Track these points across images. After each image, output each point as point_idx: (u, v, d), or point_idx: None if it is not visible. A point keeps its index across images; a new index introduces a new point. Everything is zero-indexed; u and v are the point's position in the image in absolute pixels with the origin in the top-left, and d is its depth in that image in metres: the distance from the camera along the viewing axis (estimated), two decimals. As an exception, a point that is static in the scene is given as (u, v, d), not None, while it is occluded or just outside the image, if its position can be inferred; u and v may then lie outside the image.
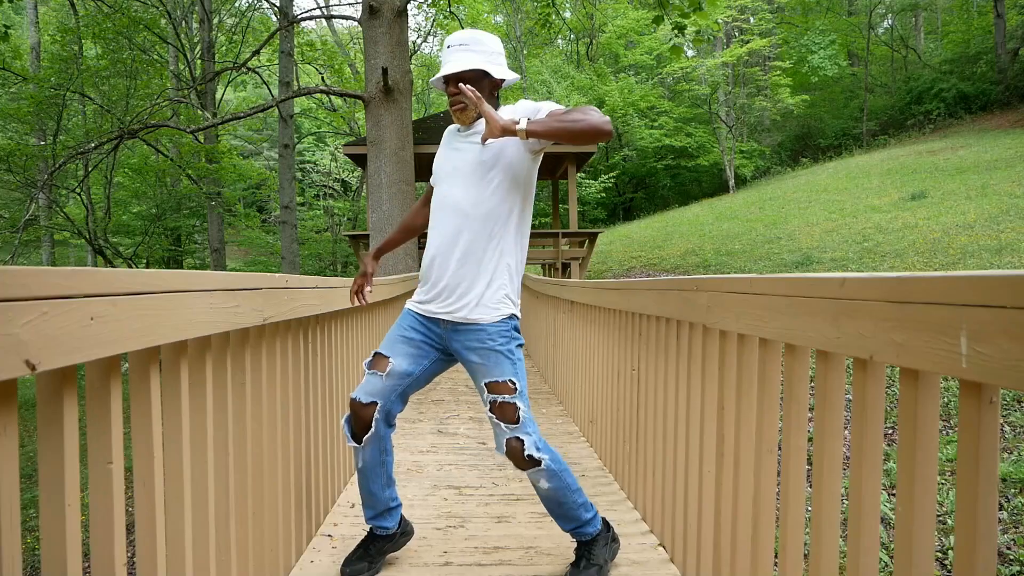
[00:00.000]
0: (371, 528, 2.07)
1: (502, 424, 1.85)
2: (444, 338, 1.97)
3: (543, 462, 1.86)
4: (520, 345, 1.96)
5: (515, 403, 1.85)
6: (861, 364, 1.09)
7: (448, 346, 1.97)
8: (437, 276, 1.93)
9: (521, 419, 1.85)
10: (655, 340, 2.33)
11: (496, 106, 1.96)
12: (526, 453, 1.83)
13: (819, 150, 24.53)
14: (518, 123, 1.73)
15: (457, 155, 1.96)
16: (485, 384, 1.88)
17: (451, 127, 2.06)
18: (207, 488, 1.40)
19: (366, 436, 1.93)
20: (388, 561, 2.12)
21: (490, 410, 1.87)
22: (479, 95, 1.75)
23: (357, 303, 2.28)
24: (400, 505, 2.10)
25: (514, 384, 1.87)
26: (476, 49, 1.89)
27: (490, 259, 1.90)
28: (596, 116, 1.70)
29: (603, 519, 2.09)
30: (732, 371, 1.64)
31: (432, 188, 2.07)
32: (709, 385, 1.79)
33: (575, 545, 2.08)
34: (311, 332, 2.30)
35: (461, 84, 1.81)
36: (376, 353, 1.99)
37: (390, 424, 1.98)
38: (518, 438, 1.84)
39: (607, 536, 2.05)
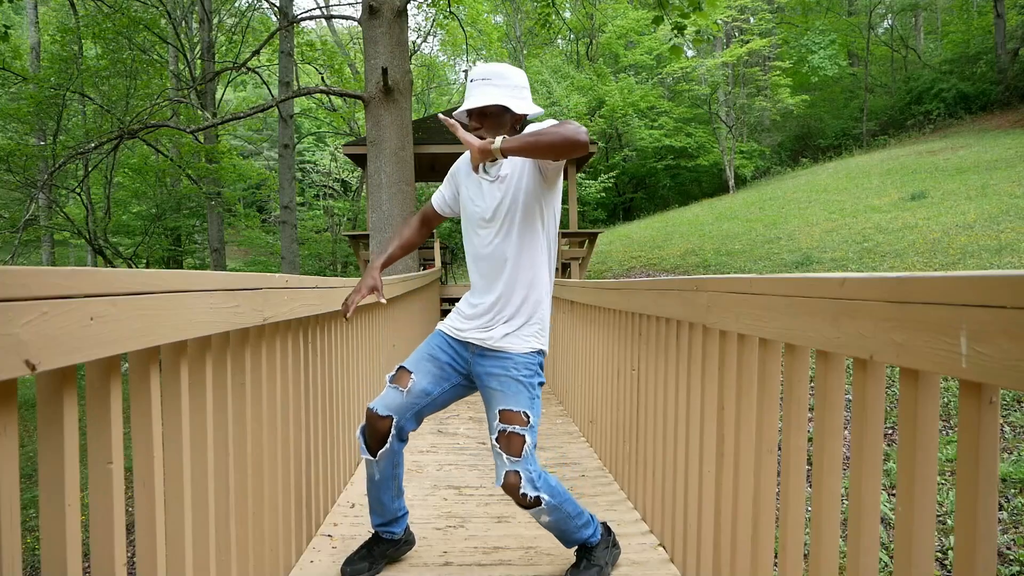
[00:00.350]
0: (377, 532, 2.08)
1: (504, 455, 1.83)
2: (470, 362, 1.99)
3: (542, 502, 1.85)
4: (541, 383, 1.97)
5: (524, 436, 1.85)
6: (861, 364, 1.09)
7: (472, 371, 1.99)
8: (480, 305, 1.97)
9: (524, 454, 1.84)
10: (655, 340, 2.33)
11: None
12: (522, 491, 1.82)
13: (819, 150, 24.53)
14: (493, 143, 1.75)
15: (485, 197, 1.97)
16: (499, 411, 1.87)
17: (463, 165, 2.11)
18: (207, 488, 1.39)
19: (381, 451, 1.94)
20: (388, 561, 2.12)
21: (496, 439, 1.86)
22: (454, 123, 1.80)
23: (345, 314, 2.21)
24: (407, 513, 2.12)
25: (527, 417, 1.87)
26: (498, 84, 1.90)
27: (530, 295, 1.95)
28: (570, 128, 1.70)
29: (604, 524, 2.10)
30: (732, 371, 1.64)
31: (432, 208, 2.19)
32: (709, 385, 1.79)
33: (576, 551, 2.08)
34: (311, 332, 2.30)
35: (440, 114, 1.88)
36: (400, 367, 2.00)
37: (403, 439, 1.99)
38: (516, 472, 1.82)
39: (608, 540, 2.06)
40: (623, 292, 2.70)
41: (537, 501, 1.84)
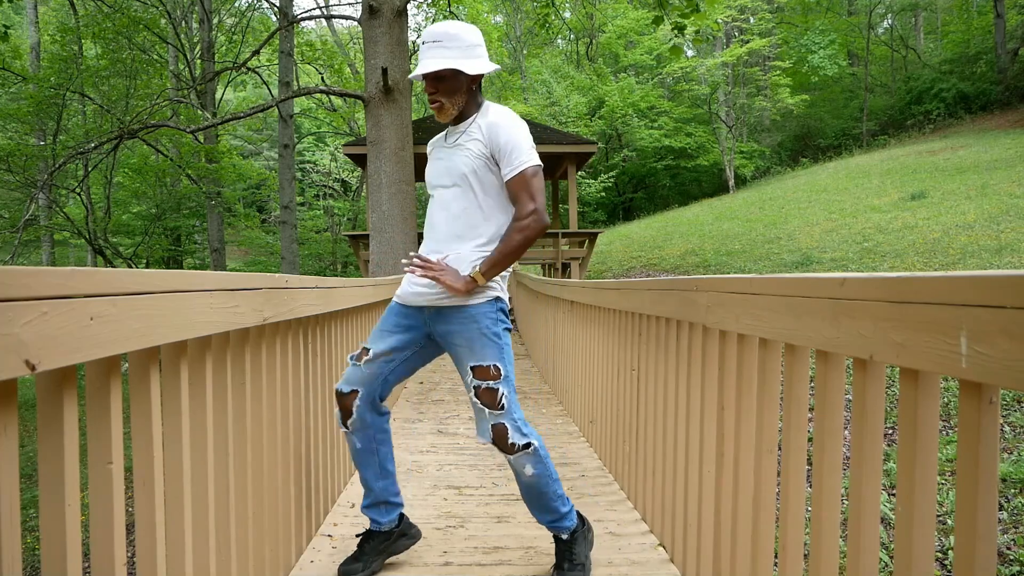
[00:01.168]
0: (369, 528, 2.07)
1: (486, 410, 1.87)
2: (428, 323, 1.99)
3: (531, 447, 1.89)
4: (508, 329, 1.97)
5: (498, 388, 1.87)
6: (861, 364, 1.09)
7: (433, 331, 1.99)
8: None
9: (505, 406, 1.87)
10: (655, 340, 2.33)
11: (478, 101, 1.98)
12: (510, 440, 1.87)
13: (819, 150, 24.54)
14: (474, 278, 1.86)
15: (440, 164, 2.01)
16: (470, 367, 1.90)
17: (435, 138, 2.11)
18: (207, 488, 1.39)
19: (349, 421, 1.97)
20: (388, 561, 2.12)
21: (474, 395, 1.89)
22: (432, 271, 1.87)
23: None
24: (400, 504, 2.09)
25: (499, 369, 1.88)
26: (450, 45, 1.88)
27: (472, 248, 1.92)
28: (532, 228, 1.87)
29: (576, 511, 2.08)
30: (732, 371, 1.64)
31: None
32: (709, 385, 1.79)
33: (554, 542, 2.05)
34: (311, 332, 2.30)
35: (414, 270, 1.89)
36: (362, 347, 2.03)
37: (378, 412, 1.99)
38: (503, 424, 1.87)
39: (583, 530, 2.05)
40: (623, 292, 2.70)
41: (527, 446, 1.88)
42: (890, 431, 3.89)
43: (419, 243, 8.84)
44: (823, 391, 1.21)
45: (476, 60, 1.91)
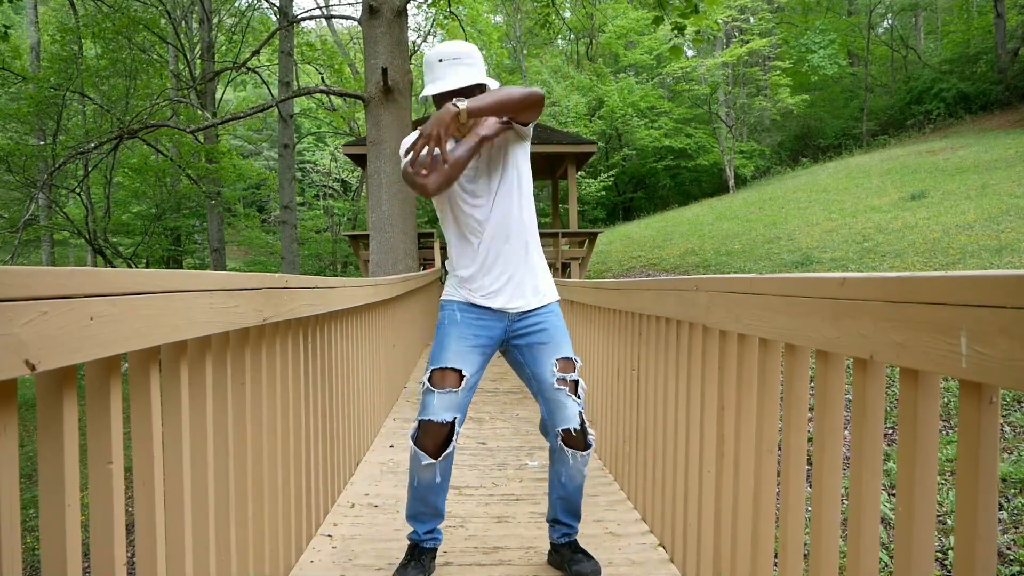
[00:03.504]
0: (419, 543, 2.00)
1: (572, 398, 1.91)
2: (509, 328, 1.99)
3: (591, 446, 1.95)
4: None
5: (578, 380, 1.95)
6: (861, 364, 1.09)
7: (512, 334, 1.99)
8: (498, 274, 1.96)
9: (582, 396, 1.95)
10: (655, 340, 2.33)
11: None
12: (588, 430, 1.93)
13: (819, 150, 24.53)
14: (457, 108, 1.74)
15: (464, 178, 1.96)
16: (556, 361, 1.93)
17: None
18: (207, 488, 1.39)
19: (445, 452, 1.89)
20: (388, 561, 2.12)
21: (558, 383, 1.91)
22: (419, 146, 1.79)
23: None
24: None
25: (576, 362, 1.98)
26: (469, 63, 1.90)
27: (535, 254, 2.01)
28: (525, 88, 1.81)
29: None
30: (732, 371, 1.64)
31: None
32: (709, 385, 1.79)
33: (565, 546, 2.04)
34: (311, 332, 2.30)
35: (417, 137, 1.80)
36: (443, 369, 1.91)
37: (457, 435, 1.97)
38: (583, 413, 1.93)
39: None
40: (623, 292, 2.70)
41: (591, 445, 1.95)
42: (890, 431, 3.89)
43: (419, 243, 8.84)
44: (823, 391, 1.21)
45: (490, 79, 1.98)
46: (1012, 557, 2.81)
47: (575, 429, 1.90)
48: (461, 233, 1.98)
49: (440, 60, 1.89)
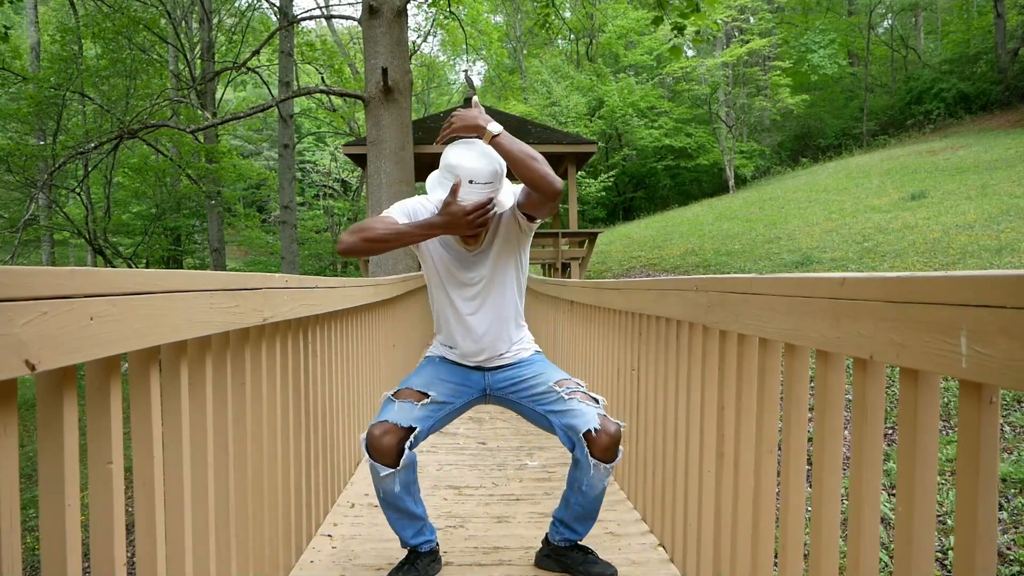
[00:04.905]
0: (416, 549, 1.98)
1: (588, 403, 1.87)
2: (486, 377, 2.03)
3: (618, 456, 1.86)
4: None
5: (584, 390, 1.92)
6: (861, 364, 1.09)
7: (490, 385, 2.02)
8: (477, 347, 1.99)
9: (601, 403, 1.91)
10: (655, 340, 2.33)
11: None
12: (620, 441, 1.85)
13: (819, 150, 24.53)
14: (488, 123, 1.74)
15: (463, 269, 1.96)
16: (555, 383, 1.92)
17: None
18: (207, 488, 1.39)
19: (403, 459, 1.83)
20: (388, 561, 2.12)
21: (570, 394, 1.88)
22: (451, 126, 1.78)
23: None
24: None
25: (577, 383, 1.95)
26: (496, 184, 1.83)
27: (515, 324, 2.05)
28: (555, 177, 1.77)
29: None
30: (732, 371, 1.64)
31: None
32: (709, 385, 1.79)
33: (573, 550, 2.03)
34: (311, 332, 2.30)
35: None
36: (407, 388, 1.92)
37: (413, 450, 1.90)
38: (603, 414, 1.86)
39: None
40: (623, 292, 2.70)
41: (619, 453, 1.86)
42: (890, 431, 3.89)
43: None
44: (823, 391, 1.21)
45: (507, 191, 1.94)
46: (1012, 557, 2.81)
47: (595, 429, 1.79)
48: (450, 304, 1.99)
49: (471, 183, 1.78)
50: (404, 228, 1.82)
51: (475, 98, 1.87)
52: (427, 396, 1.90)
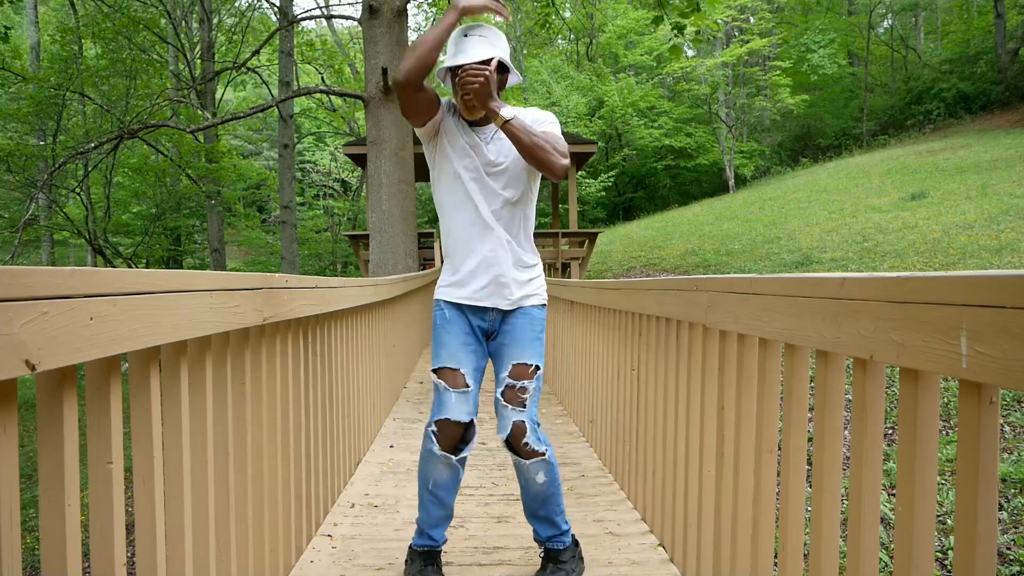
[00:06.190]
0: (430, 548, 1.98)
1: (509, 407, 1.87)
2: (493, 323, 2.00)
3: (546, 453, 1.89)
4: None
5: (527, 387, 1.90)
6: (861, 364, 1.09)
7: (492, 331, 2.01)
8: (487, 272, 1.95)
9: (528, 404, 1.89)
10: (655, 340, 2.33)
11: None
12: (525, 440, 1.87)
13: (819, 150, 24.52)
14: (503, 108, 1.78)
15: (488, 150, 1.93)
16: (512, 366, 1.91)
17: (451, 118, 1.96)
18: (207, 488, 1.39)
19: (466, 449, 1.90)
20: (388, 561, 2.12)
21: (502, 392, 1.89)
22: (491, 81, 1.78)
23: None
24: None
25: (537, 370, 1.93)
26: (495, 43, 1.88)
27: (527, 253, 2.00)
28: (561, 159, 1.82)
29: (572, 535, 2.06)
30: (732, 371, 1.64)
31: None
32: (709, 385, 1.79)
33: (544, 554, 2.02)
34: (311, 332, 2.30)
35: (484, 70, 1.77)
36: (445, 368, 1.94)
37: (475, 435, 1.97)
38: (523, 421, 1.87)
39: (576, 552, 2.03)
40: (623, 292, 2.70)
41: (542, 453, 1.88)
42: (890, 431, 3.89)
43: (419, 243, 8.84)
44: (823, 391, 1.21)
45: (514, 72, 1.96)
46: (1012, 557, 2.81)
47: (508, 440, 1.88)
48: (462, 223, 1.96)
49: (465, 36, 1.87)
50: (428, 32, 1.83)
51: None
52: (461, 374, 1.92)
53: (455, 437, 1.88)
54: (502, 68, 1.92)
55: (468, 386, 1.91)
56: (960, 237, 7.82)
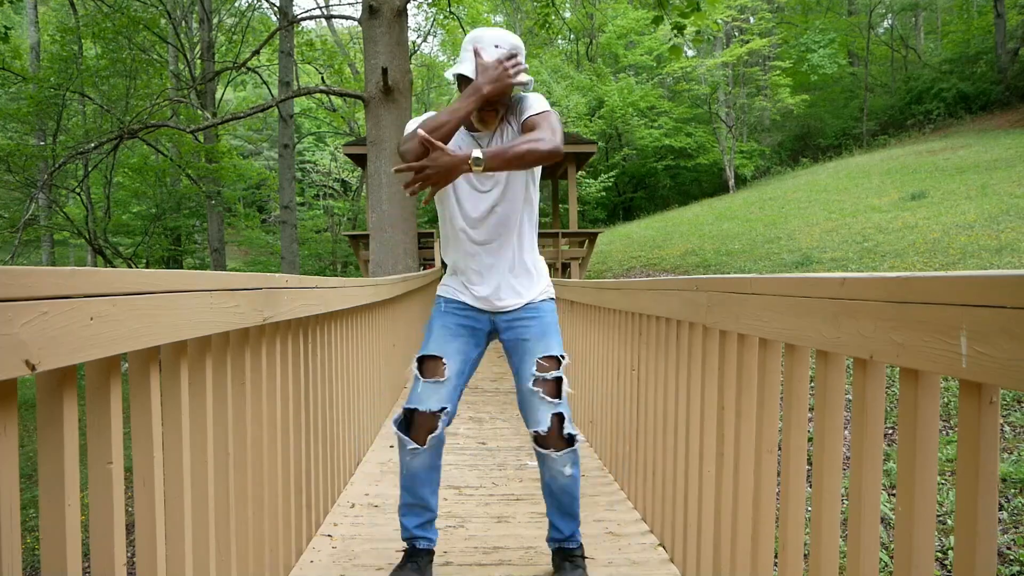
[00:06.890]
0: (413, 543, 1.98)
1: (548, 399, 1.87)
2: (493, 321, 2.00)
3: (576, 442, 1.90)
4: None
5: (562, 378, 1.91)
6: (861, 364, 1.09)
7: (497, 328, 2.00)
8: (487, 280, 1.96)
9: (564, 396, 1.90)
10: (655, 340, 2.33)
11: (506, 107, 1.92)
12: (565, 431, 1.87)
13: (819, 150, 24.52)
14: (469, 157, 1.65)
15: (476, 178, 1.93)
16: (537, 360, 1.91)
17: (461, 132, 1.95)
18: (207, 488, 1.39)
19: (431, 438, 1.89)
20: (388, 561, 2.12)
21: (533, 384, 1.89)
22: (429, 140, 1.66)
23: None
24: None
25: (562, 360, 1.94)
26: (522, 58, 1.84)
27: (528, 259, 2.01)
28: (545, 143, 1.70)
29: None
30: (732, 371, 1.64)
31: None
32: (709, 385, 1.79)
33: (557, 554, 2.01)
34: (311, 332, 2.30)
35: (429, 147, 1.67)
36: (426, 356, 1.93)
37: (448, 424, 1.96)
38: (560, 414, 1.87)
39: (583, 550, 2.04)
40: (623, 292, 2.70)
41: (574, 440, 1.89)
42: (890, 431, 3.89)
43: (419, 243, 8.84)
44: (823, 391, 1.21)
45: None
46: (1012, 557, 2.81)
47: (543, 432, 1.87)
48: (457, 228, 1.97)
49: (485, 48, 1.81)
50: (444, 112, 1.76)
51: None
52: (441, 363, 1.91)
53: (424, 426, 1.88)
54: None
55: (444, 376, 1.90)
56: (960, 237, 7.82)
